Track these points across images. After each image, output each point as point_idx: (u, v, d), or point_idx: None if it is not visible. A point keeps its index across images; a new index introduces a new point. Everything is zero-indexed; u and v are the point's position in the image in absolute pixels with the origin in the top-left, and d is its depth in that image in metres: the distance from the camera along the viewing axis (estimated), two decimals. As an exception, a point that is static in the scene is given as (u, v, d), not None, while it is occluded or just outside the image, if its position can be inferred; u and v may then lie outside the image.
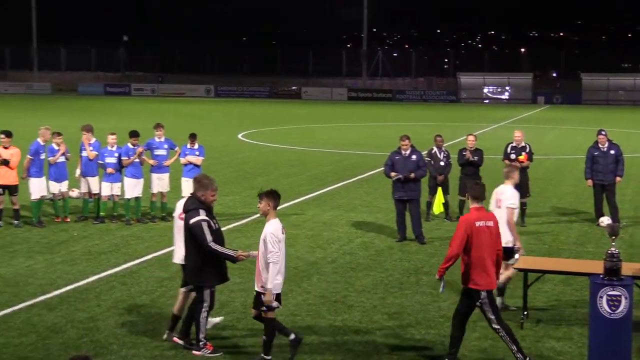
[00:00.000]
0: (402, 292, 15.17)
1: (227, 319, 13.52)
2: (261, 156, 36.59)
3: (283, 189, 26.83)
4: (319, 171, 31.70)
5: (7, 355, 11.84)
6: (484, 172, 22.79)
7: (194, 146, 21.93)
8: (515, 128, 26.76)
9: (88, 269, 16.59)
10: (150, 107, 72.15)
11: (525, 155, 21.79)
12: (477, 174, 22.03)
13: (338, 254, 18.16)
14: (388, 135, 46.02)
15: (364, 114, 69.02)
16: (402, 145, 19.68)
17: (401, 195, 19.45)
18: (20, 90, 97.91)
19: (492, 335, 12.87)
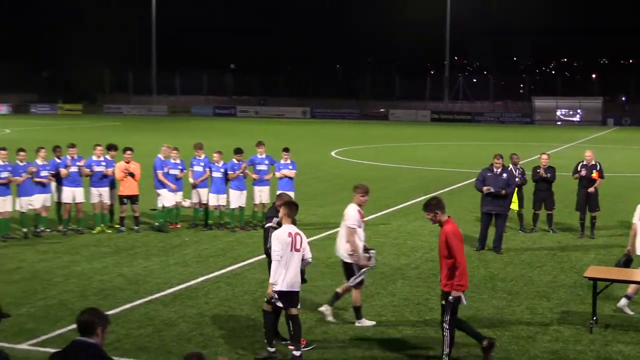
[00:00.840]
0: (479, 297, 15.00)
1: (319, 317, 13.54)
2: (352, 172, 36.60)
3: (371, 201, 26.84)
4: (404, 186, 31.58)
5: (128, 344, 12.08)
6: (556, 187, 22.43)
7: (287, 161, 22.17)
8: (586, 148, 26.30)
9: (198, 270, 16.85)
10: (253, 127, 72.91)
11: (596, 172, 21.42)
12: (550, 190, 21.78)
13: (421, 260, 18.06)
14: (467, 153, 45.68)
15: (445, 134, 68.54)
16: (496, 163, 19.47)
17: (490, 209, 19.21)
18: (141, 112, 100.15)
19: (563, 338, 12.65)
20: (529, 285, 15.95)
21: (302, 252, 11.58)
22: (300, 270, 11.69)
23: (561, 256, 18.77)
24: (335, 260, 17.72)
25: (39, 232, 20.55)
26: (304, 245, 11.63)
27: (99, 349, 6.61)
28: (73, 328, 8.92)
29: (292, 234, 11.53)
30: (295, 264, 11.53)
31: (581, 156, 22.70)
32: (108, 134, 55.36)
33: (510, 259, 18.38)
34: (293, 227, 11.64)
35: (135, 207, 21.35)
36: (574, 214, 22.40)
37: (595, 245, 20.05)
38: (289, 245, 11.47)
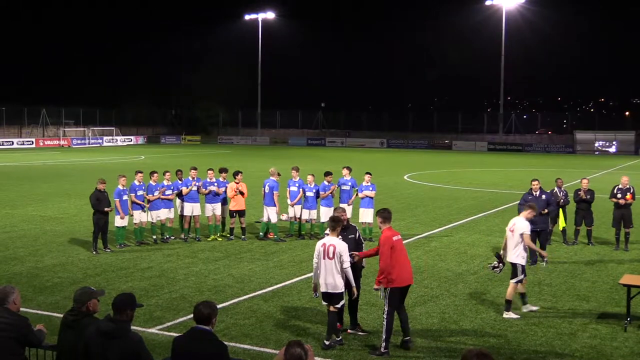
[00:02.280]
0: (528, 299, 14.64)
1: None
2: (421, 192, 36.34)
3: (437, 217, 26.74)
4: (465, 204, 31.17)
5: (234, 331, 12.19)
6: (595, 207, 21.80)
7: (368, 183, 22.08)
8: (622, 174, 25.49)
9: (292, 272, 16.91)
10: (339, 155, 73.11)
11: (630, 195, 20.73)
12: (589, 209, 21.16)
13: (479, 267, 17.75)
14: (518, 177, 44.81)
15: (500, 161, 67.45)
16: (533, 186, 18.84)
17: (533, 228, 18.36)
18: (248, 142, 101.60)
19: (600, 335, 12.26)
20: (571, 290, 15.51)
21: (334, 260, 11.35)
22: (340, 275, 11.41)
23: (599, 266, 18.20)
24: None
25: (165, 239, 21.00)
26: (337, 254, 11.36)
27: (213, 335, 6.77)
28: (191, 317, 9.06)
29: (326, 244, 11.44)
30: (329, 269, 11.38)
31: (617, 181, 22.03)
32: (221, 160, 56.30)
33: (555, 268, 17.92)
34: (331, 238, 11.47)
35: (243, 219, 21.59)
36: (610, 230, 21.75)
37: (629, 257, 19.37)
38: (321, 254, 11.42)
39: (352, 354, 11.27)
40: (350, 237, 12.36)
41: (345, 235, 12.20)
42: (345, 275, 11.51)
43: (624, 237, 20.68)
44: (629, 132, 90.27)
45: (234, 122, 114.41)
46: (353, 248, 12.21)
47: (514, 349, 11.53)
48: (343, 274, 11.49)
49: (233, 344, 11.42)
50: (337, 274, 11.44)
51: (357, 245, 12.37)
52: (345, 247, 11.55)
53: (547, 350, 11.48)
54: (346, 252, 11.50)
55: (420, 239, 21.87)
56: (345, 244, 11.64)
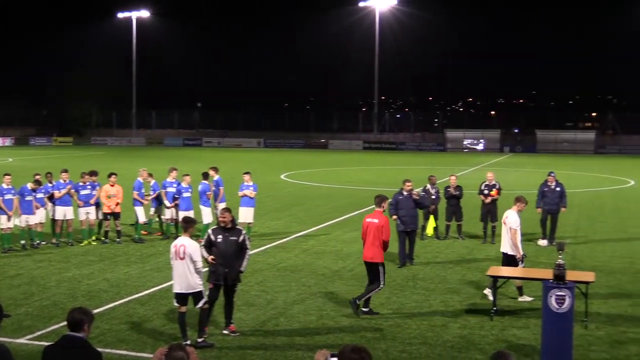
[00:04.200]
0: (402, 293, 15.09)
1: (271, 313, 13.46)
2: (298, 191, 36.62)
3: (314, 216, 27.01)
4: (341, 203, 31.66)
5: (110, 337, 11.87)
6: (464, 203, 22.73)
7: (249, 182, 21.99)
8: (488, 170, 26.68)
9: (169, 275, 16.50)
10: (216, 155, 72.55)
11: (495, 190, 21.73)
12: (459, 204, 22.01)
13: (355, 264, 18.07)
14: (393, 175, 45.96)
15: (374, 159, 68.99)
16: (406, 186, 18.58)
17: (404, 228, 18.31)
18: (123, 143, 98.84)
19: (470, 325, 12.77)
20: (443, 283, 16.08)
21: (186, 260, 11.30)
22: (195, 275, 11.36)
23: (469, 259, 18.98)
24: (285, 265, 17.70)
25: (35, 245, 20.12)
26: (187, 254, 11.29)
27: (86, 342, 6.51)
28: (64, 324, 8.74)
29: (177, 245, 11.34)
30: (181, 270, 11.36)
31: (484, 177, 23.04)
32: (94, 162, 54.55)
33: (428, 261, 18.53)
34: (183, 238, 11.43)
35: (117, 222, 21.06)
36: (478, 224, 22.72)
37: (495, 250, 20.28)
38: (173, 255, 11.43)
39: (231, 354, 11.23)
40: (232, 239, 11.94)
41: (226, 237, 11.95)
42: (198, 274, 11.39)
43: (490, 230, 21.67)
44: (494, 131, 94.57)
45: (108, 122, 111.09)
46: (234, 251, 11.92)
47: (389, 343, 11.83)
48: (198, 273, 11.40)
49: (108, 350, 11.11)
50: (190, 274, 11.33)
51: (239, 249, 11.99)
52: (196, 248, 11.38)
53: (420, 342, 11.86)
54: (197, 252, 11.35)
55: (298, 238, 22.04)
56: (196, 244, 11.45)
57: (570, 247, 20.34)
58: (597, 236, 23.03)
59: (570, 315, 10.99)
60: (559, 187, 21.45)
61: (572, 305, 11.00)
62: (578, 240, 22.15)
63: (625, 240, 22.18)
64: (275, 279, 16.27)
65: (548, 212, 21.51)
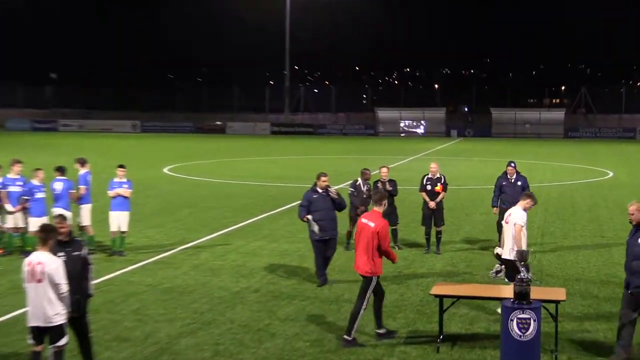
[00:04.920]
0: (323, 320, 15.08)
1: (152, 349, 13.27)
2: (186, 189, 36.30)
3: (207, 221, 26.81)
4: (242, 203, 31.55)
5: None
6: (400, 202, 22.95)
7: (122, 179, 21.52)
8: (431, 160, 27.04)
9: (13, 303, 16.04)
10: (77, 143, 71.13)
11: (440, 186, 22.02)
12: (393, 204, 22.15)
13: (262, 283, 18.02)
14: (309, 167, 46.08)
15: (285, 147, 69.09)
16: (321, 181, 18.45)
17: (321, 236, 18.18)
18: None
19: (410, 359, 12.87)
20: (375, 305, 16.14)
21: (44, 283, 10.76)
22: (57, 302, 10.92)
23: (407, 274, 19.15)
24: (170, 286, 17.47)
25: None
26: (47, 275, 10.79)
27: None
28: None
29: (33, 263, 10.84)
30: (38, 296, 10.82)
31: (426, 169, 23.30)
32: None
33: (356, 279, 18.58)
34: (41, 254, 10.92)
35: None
36: (420, 229, 22.94)
37: (442, 262, 20.58)
38: (27, 277, 10.88)
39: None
40: (76, 254, 11.59)
41: (69, 253, 11.52)
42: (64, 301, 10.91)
43: (435, 237, 21.94)
44: (439, 110, 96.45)
45: None
46: (80, 270, 11.54)
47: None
48: (61, 300, 10.90)
49: None
50: (49, 303, 10.80)
51: (83, 266, 11.62)
52: (59, 266, 10.82)
53: (346, 383, 11.86)
54: (59, 271, 10.78)
55: (187, 250, 21.84)
56: (58, 261, 10.93)
57: (535, 257, 20.79)
58: (569, 242, 23.65)
59: (536, 343, 11.18)
60: (521, 180, 21.87)
61: (539, 331, 11.19)
62: (545, 247, 22.69)
63: (603, 247, 22.84)
64: (156, 305, 16.02)
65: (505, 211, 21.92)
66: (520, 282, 11.44)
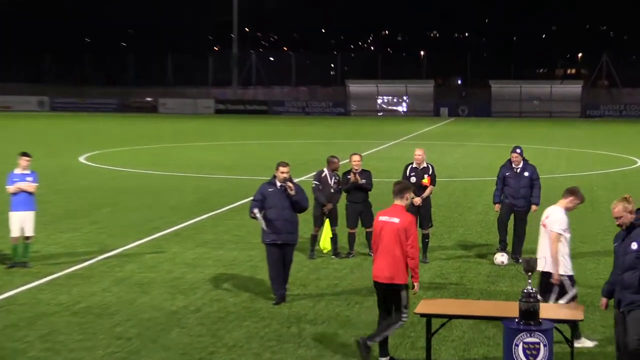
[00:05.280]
0: (281, 346, 15.05)
1: None
2: (108, 183, 36.12)
3: (135, 222, 26.75)
4: (180, 200, 31.45)
5: None
6: (375, 198, 22.94)
7: (25, 170, 21.26)
8: (416, 146, 27.12)
9: None
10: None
11: (428, 178, 21.93)
12: (367, 200, 22.14)
13: (204, 301, 17.94)
14: (263, 155, 46.04)
15: (234, 130, 68.99)
16: (280, 173, 18.27)
17: (274, 239, 18.05)
18: None
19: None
20: (346, 328, 16.14)
21: None
22: None
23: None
24: (88, 305, 17.36)
25: None
26: None
27: None
28: None
29: None
30: None
31: (409, 157, 23.30)
32: None
33: (322, 292, 18.59)
34: None
35: None
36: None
37: (429, 272, 20.61)
38: None
39: None
40: None
41: None
42: None
43: (420, 242, 21.93)
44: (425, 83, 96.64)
45: None
46: None
47: None
48: None
49: None
50: None
51: None
52: None
53: None
54: None
55: (108, 260, 21.74)
56: None
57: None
58: (588, 247, 23.76)
59: (548, 373, 11.22)
60: (528, 170, 21.96)
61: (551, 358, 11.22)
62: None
63: (628, 253, 22.98)
64: (70, 329, 15.93)
65: (511, 209, 22.01)
66: (528, 299, 11.45)
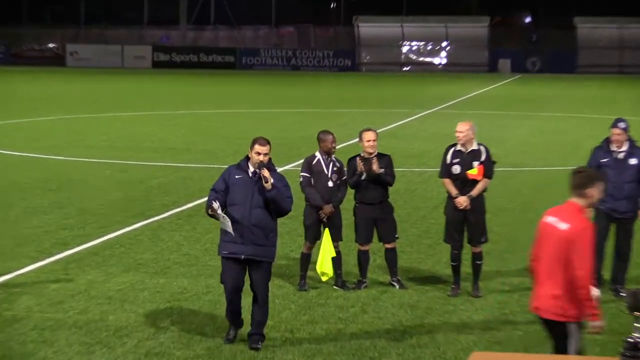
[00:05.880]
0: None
1: None
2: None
3: (33, 235, 26.65)
4: (100, 200, 31.44)
5: None
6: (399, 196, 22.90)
7: None
8: (459, 118, 27.02)
9: None
10: None
11: (479, 167, 21.81)
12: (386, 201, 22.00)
13: (136, 356, 17.92)
14: (227, 132, 46.11)
15: (181, 93, 69.09)
16: (255, 154, 18.13)
17: (234, 251, 17.98)
18: None
19: None
20: None
21: None
22: None
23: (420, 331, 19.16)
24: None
25: None
26: None
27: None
28: None
29: None
30: None
31: (449, 134, 23.27)
32: None
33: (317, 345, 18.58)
34: None
35: None
36: (441, 249, 23.15)
37: (484, 308, 20.63)
38: None
39: None
40: None
41: None
42: None
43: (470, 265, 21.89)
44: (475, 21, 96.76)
45: None
46: None
47: None
48: None
49: None
50: None
51: None
52: None
53: None
54: None
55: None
56: None
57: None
58: None
59: None
60: (637, 156, 21.85)
61: None
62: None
63: None
64: None
65: (610, 217, 21.95)
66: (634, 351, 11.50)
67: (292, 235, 21.06)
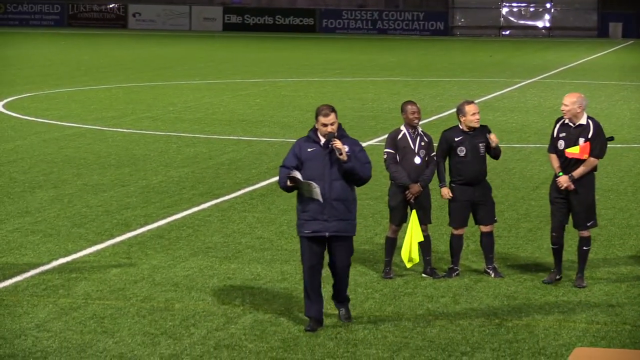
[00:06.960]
0: None
1: None
2: (44, 147, 36.35)
3: (92, 215, 26.88)
4: (164, 178, 31.61)
5: None
6: (495, 173, 22.92)
7: None
8: (566, 89, 27.02)
9: None
10: None
11: (585, 144, 21.72)
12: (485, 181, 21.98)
13: (205, 348, 18.05)
14: (305, 101, 46.16)
15: (254, 58, 69.15)
16: (322, 123, 18.30)
17: (317, 230, 18.30)
18: None
19: None
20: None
21: None
22: None
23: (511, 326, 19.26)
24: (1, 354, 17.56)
25: None
26: None
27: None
28: None
29: None
30: None
31: (555, 107, 23.27)
32: None
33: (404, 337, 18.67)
34: None
35: None
36: (541, 233, 23.07)
37: (588, 301, 20.66)
38: None
39: None
40: None
41: None
42: None
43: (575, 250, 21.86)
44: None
45: None
46: None
47: None
48: None
49: None
50: None
51: None
52: None
53: None
54: None
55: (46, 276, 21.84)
56: None
57: None
58: None
59: None
60: None
61: None
62: None
63: None
64: None
65: None
66: None
67: (376, 218, 21.08)
